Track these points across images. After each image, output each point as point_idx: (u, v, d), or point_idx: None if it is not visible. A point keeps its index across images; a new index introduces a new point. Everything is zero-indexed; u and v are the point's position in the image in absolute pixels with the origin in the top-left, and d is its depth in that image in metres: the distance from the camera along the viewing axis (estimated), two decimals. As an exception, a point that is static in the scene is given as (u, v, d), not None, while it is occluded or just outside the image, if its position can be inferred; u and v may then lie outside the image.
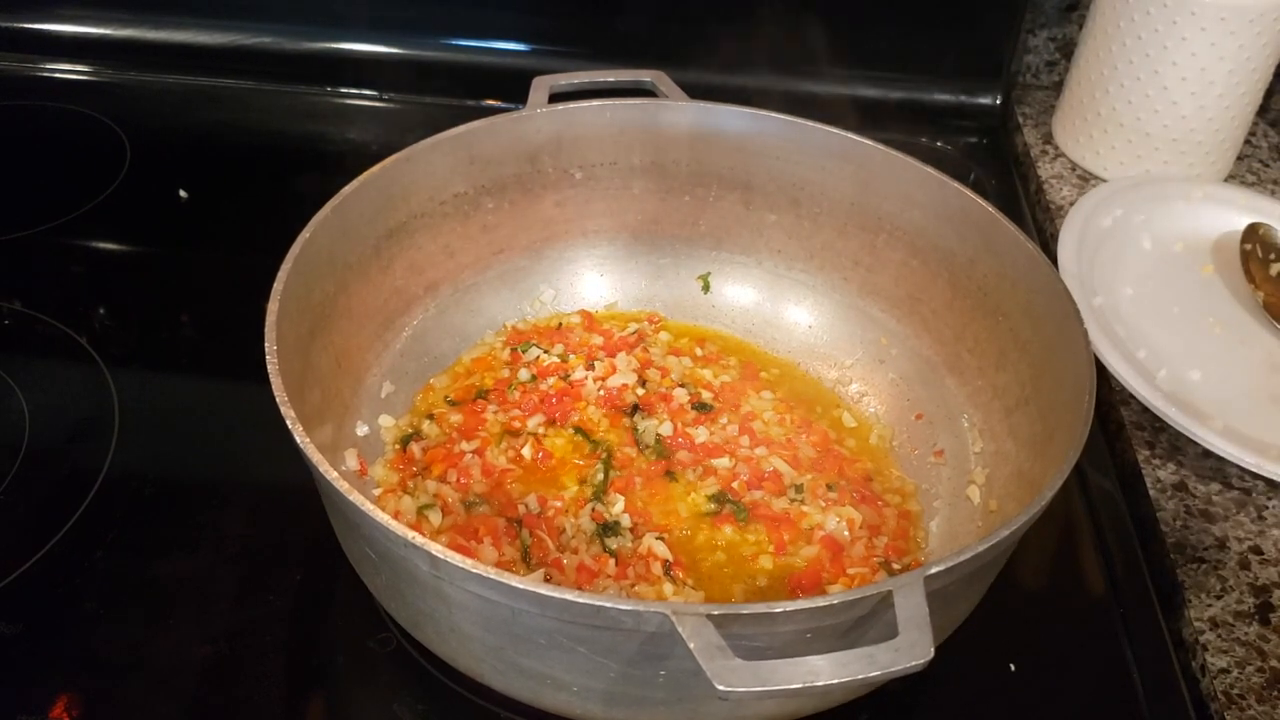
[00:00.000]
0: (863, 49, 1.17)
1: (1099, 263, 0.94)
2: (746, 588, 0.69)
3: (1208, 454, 0.80)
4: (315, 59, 1.22)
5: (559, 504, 0.72)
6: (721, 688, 0.45)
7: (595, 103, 0.83)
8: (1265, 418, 0.82)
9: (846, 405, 0.83)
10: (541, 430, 0.77)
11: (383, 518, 0.52)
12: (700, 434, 0.77)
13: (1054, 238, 0.98)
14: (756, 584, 0.69)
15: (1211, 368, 0.86)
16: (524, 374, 0.81)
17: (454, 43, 1.22)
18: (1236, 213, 1.00)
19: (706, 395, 0.81)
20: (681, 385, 0.81)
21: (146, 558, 0.73)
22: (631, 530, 0.70)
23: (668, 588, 0.67)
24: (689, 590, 0.67)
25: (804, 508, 0.73)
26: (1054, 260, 0.87)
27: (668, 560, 0.68)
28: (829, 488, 0.74)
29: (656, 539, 0.69)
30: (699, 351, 0.86)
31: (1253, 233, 0.97)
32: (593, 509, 0.71)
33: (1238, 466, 0.79)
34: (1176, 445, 0.82)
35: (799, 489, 0.74)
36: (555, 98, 0.83)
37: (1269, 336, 0.91)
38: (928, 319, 0.81)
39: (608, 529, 0.70)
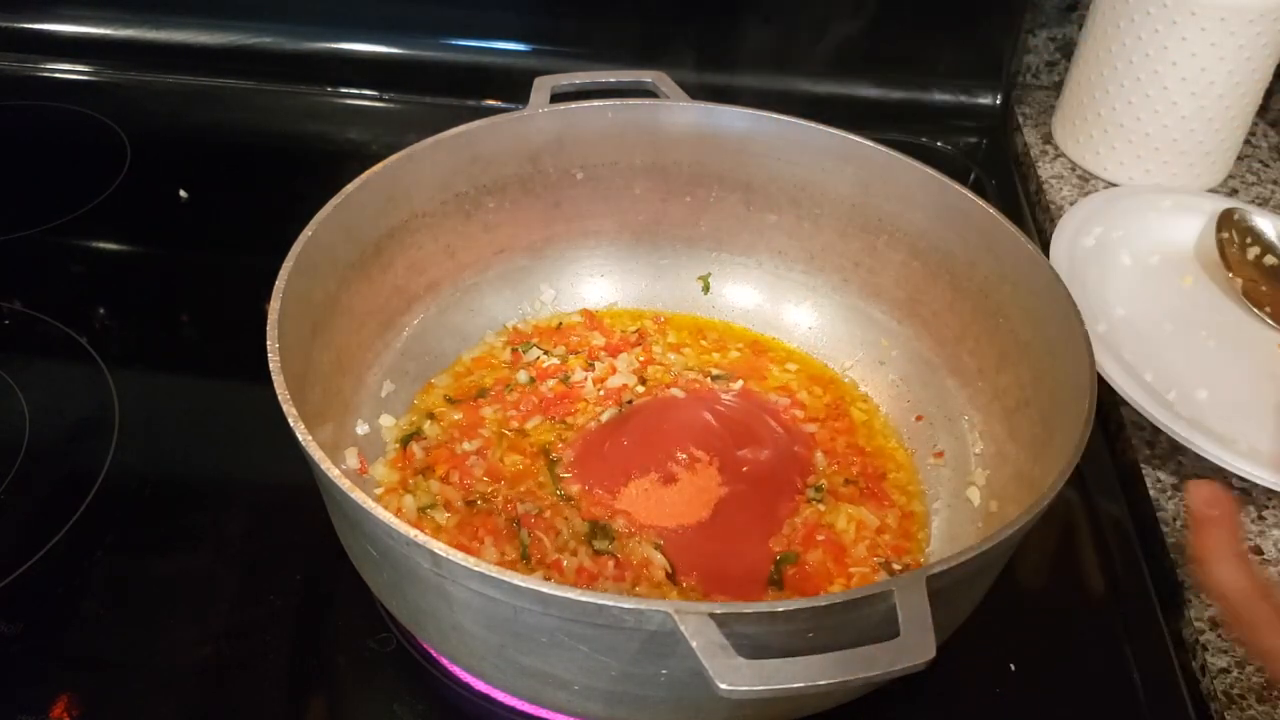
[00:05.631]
0: (863, 49, 1.17)
1: (1089, 285, 0.90)
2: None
3: (1208, 454, 0.80)
4: (315, 59, 1.22)
5: (548, 502, 0.72)
6: (724, 686, 0.45)
7: (596, 103, 0.83)
8: (1273, 429, 0.80)
9: (858, 397, 0.83)
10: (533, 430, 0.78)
11: (385, 515, 0.52)
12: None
13: (1054, 238, 0.98)
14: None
15: (1215, 383, 0.83)
16: (522, 375, 0.81)
17: (454, 43, 1.22)
18: (1205, 218, 0.98)
19: (717, 371, 0.83)
20: (689, 369, 0.82)
21: (146, 558, 0.73)
22: (627, 533, 0.70)
23: (673, 595, 0.67)
24: (690, 591, 0.67)
25: (820, 506, 0.73)
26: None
27: (667, 569, 0.68)
28: (846, 482, 0.75)
29: (654, 548, 0.69)
30: (703, 342, 0.87)
31: (1228, 219, 0.96)
32: (579, 509, 0.71)
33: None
34: (1176, 445, 0.82)
35: (818, 489, 0.74)
36: (556, 98, 0.83)
37: (1261, 336, 0.90)
38: (928, 320, 0.81)
39: (597, 530, 0.70)
